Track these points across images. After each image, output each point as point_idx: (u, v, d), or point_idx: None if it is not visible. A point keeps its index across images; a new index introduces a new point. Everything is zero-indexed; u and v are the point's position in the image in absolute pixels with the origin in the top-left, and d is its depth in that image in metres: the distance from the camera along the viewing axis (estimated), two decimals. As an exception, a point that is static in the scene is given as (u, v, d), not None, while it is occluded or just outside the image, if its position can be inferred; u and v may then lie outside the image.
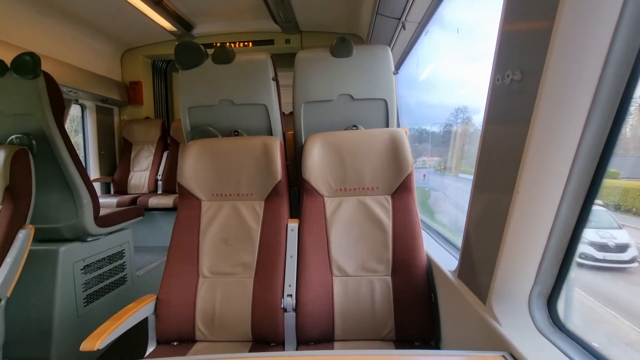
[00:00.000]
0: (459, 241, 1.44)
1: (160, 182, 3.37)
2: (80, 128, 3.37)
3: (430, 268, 1.29)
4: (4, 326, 1.41)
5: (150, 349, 1.28)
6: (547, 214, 0.71)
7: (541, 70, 0.62)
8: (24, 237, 1.51)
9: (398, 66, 2.46)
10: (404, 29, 1.89)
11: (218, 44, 3.32)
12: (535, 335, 0.74)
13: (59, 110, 1.72)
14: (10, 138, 1.68)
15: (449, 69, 1.90)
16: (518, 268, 0.77)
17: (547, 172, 0.68)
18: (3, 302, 1.40)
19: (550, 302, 0.78)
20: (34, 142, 1.69)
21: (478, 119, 1.56)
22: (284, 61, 2.57)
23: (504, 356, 0.68)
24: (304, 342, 1.25)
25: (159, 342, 1.30)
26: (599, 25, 0.58)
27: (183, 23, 3.12)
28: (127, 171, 3.43)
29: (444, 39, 1.76)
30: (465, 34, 1.61)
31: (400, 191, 1.37)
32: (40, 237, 1.77)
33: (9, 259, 1.45)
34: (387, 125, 1.65)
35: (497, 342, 0.75)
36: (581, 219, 0.70)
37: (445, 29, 1.72)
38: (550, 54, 0.60)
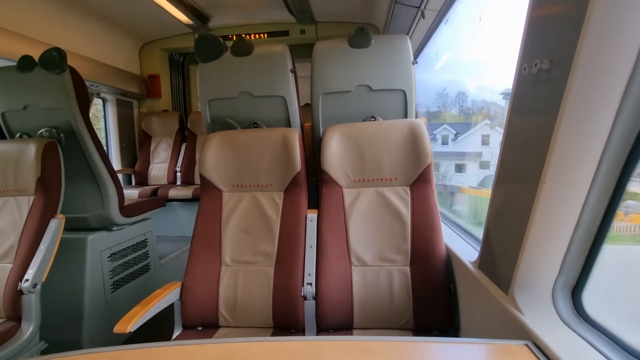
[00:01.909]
0: (478, 233, 1.44)
1: (179, 174, 3.46)
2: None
3: (449, 259, 1.29)
4: (41, 309, 1.50)
5: (176, 333, 1.34)
6: (574, 204, 0.70)
7: (572, 58, 0.60)
8: (55, 226, 1.59)
9: (416, 56, 2.42)
10: (423, 17, 1.86)
11: (233, 36, 3.34)
12: (559, 325, 0.74)
13: (85, 104, 1.78)
14: (40, 131, 1.76)
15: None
16: (542, 258, 0.77)
17: (575, 163, 0.67)
18: (39, 286, 1.48)
19: (575, 293, 0.78)
20: (62, 135, 1.76)
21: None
22: (299, 52, 2.56)
23: (527, 345, 0.69)
24: (324, 329, 1.28)
25: (184, 327, 1.35)
26: (635, 10, 0.56)
27: (199, 16, 3.15)
28: (147, 163, 3.53)
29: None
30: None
31: (419, 182, 1.37)
32: (69, 226, 1.85)
33: (42, 247, 1.53)
34: (405, 116, 1.64)
35: (520, 332, 0.75)
36: (610, 210, 0.69)
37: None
38: (582, 41, 0.58)
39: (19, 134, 1.82)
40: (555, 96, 0.65)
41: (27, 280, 1.45)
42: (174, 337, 1.32)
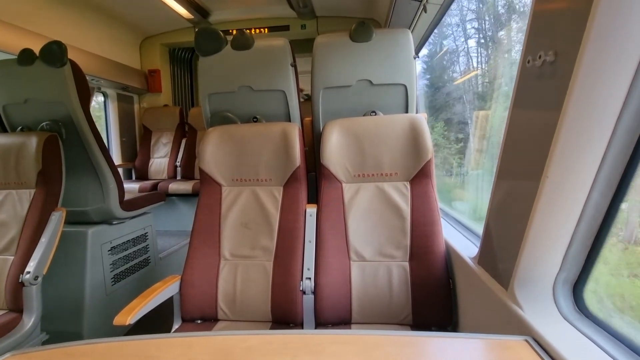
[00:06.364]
0: (478, 229, 1.43)
1: (179, 169, 3.45)
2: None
3: (449, 255, 1.29)
4: (42, 301, 1.50)
5: (175, 326, 1.34)
6: (577, 199, 0.69)
7: (577, 49, 0.59)
8: (56, 219, 1.59)
9: (417, 50, 2.40)
10: (425, 11, 1.84)
11: (234, 31, 3.32)
12: (559, 321, 0.74)
13: (85, 98, 1.77)
14: (41, 125, 1.75)
15: None
16: (543, 254, 0.76)
17: (578, 157, 0.66)
18: (40, 279, 1.49)
19: (576, 288, 0.77)
20: (63, 129, 1.76)
21: None
22: (300, 47, 2.55)
23: (526, 340, 0.68)
24: (322, 323, 1.28)
25: (183, 320, 1.36)
26: None
27: (199, 10, 3.13)
28: (147, 157, 3.53)
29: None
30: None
31: (420, 177, 1.36)
32: (70, 220, 1.86)
33: (43, 239, 1.53)
34: (406, 111, 1.63)
35: (520, 327, 0.75)
36: (613, 205, 0.68)
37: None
38: (588, 31, 0.57)
39: (20, 128, 1.82)
40: (560, 89, 0.64)
41: (28, 272, 1.45)
42: (173, 330, 1.32)
